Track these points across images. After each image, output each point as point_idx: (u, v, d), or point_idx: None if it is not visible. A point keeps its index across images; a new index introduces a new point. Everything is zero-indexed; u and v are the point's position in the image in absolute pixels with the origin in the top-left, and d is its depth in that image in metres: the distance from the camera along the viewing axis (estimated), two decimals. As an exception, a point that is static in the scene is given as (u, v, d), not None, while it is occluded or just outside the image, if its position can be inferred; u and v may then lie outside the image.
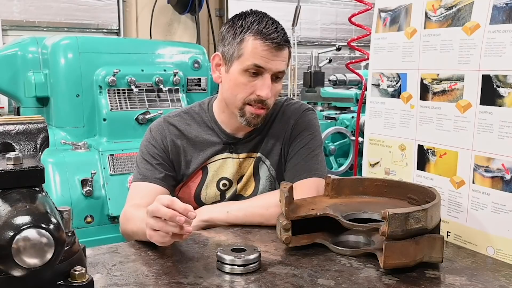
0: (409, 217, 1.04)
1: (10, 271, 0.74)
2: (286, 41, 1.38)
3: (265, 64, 1.35)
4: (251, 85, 1.37)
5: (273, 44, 1.34)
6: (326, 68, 4.60)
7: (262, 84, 1.36)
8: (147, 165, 1.46)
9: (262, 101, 1.38)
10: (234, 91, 1.40)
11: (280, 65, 1.37)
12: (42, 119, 0.98)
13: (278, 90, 1.42)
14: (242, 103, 1.39)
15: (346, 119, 3.81)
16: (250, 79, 1.37)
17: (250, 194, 1.51)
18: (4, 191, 0.81)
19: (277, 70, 1.37)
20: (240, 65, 1.37)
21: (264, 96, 1.36)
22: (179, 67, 2.88)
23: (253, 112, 1.39)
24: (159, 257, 1.16)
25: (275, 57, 1.35)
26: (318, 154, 1.49)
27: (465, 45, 1.27)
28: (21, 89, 2.73)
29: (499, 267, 1.15)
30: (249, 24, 1.37)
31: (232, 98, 1.41)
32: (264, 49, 1.34)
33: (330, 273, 1.07)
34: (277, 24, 1.39)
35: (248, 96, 1.38)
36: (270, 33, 1.34)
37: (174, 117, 1.53)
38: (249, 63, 1.35)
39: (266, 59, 1.35)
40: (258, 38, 1.34)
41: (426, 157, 1.40)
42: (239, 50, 1.37)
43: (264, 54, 1.34)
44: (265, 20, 1.38)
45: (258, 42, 1.34)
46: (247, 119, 1.41)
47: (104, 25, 4.86)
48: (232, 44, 1.38)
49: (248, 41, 1.35)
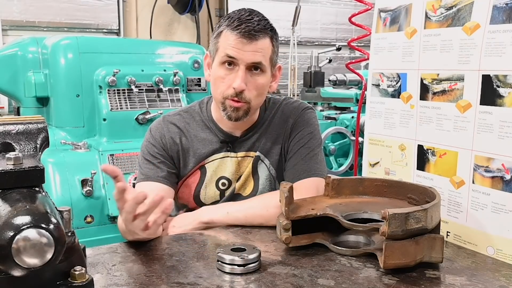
0: (409, 217, 1.03)
1: (10, 271, 0.74)
2: (261, 30, 1.36)
3: (236, 54, 1.35)
4: (228, 78, 1.38)
5: (241, 33, 1.34)
6: (326, 68, 4.60)
7: (235, 76, 1.37)
8: (149, 165, 1.46)
9: (238, 94, 1.37)
10: (215, 86, 1.41)
11: (254, 56, 1.36)
12: (42, 119, 0.98)
13: (259, 83, 1.40)
14: (222, 97, 1.40)
15: (346, 119, 3.81)
16: (227, 72, 1.37)
17: (249, 194, 1.51)
18: (4, 191, 0.81)
19: (250, 61, 1.36)
20: (218, 58, 1.39)
21: (236, 88, 1.36)
22: (179, 67, 2.88)
23: (232, 105, 1.39)
24: (159, 257, 1.16)
25: (246, 47, 1.35)
26: (317, 153, 1.49)
27: (465, 45, 1.27)
28: (21, 89, 2.73)
29: (499, 267, 1.15)
30: (227, 18, 1.39)
31: (214, 93, 1.43)
32: (234, 38, 1.34)
33: (330, 273, 1.07)
34: (254, 15, 1.38)
35: (226, 90, 1.38)
36: (242, 23, 1.34)
37: (174, 116, 1.54)
38: (222, 55, 1.37)
39: (237, 49, 1.35)
40: (229, 29, 1.36)
41: (426, 157, 1.40)
42: (216, 44, 1.39)
43: (235, 44, 1.34)
44: (243, 12, 1.39)
45: (229, 32, 1.36)
46: (227, 113, 1.41)
47: (104, 25, 4.86)
48: (212, 40, 1.42)
49: (222, 33, 1.38)
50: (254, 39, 1.35)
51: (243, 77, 1.36)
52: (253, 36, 1.35)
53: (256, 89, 1.40)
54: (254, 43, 1.35)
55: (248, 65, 1.36)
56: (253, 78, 1.38)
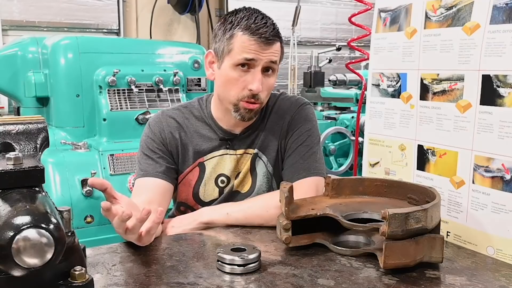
0: (409, 217, 1.03)
1: (10, 271, 0.74)
2: (276, 35, 1.38)
3: (254, 55, 1.35)
4: (242, 80, 1.38)
5: (261, 39, 1.35)
6: (326, 68, 4.60)
7: (253, 78, 1.37)
8: (148, 160, 1.46)
9: (254, 96, 1.38)
10: (227, 87, 1.41)
11: (271, 56, 1.38)
12: (42, 119, 0.98)
13: (270, 84, 1.42)
14: (236, 99, 1.40)
15: (346, 119, 3.81)
16: (241, 74, 1.37)
17: (247, 191, 1.51)
18: (4, 191, 0.81)
19: (268, 60, 1.37)
20: (230, 60, 1.38)
21: (255, 90, 1.37)
22: (179, 67, 2.88)
23: (246, 107, 1.40)
24: (159, 257, 1.16)
25: (264, 51, 1.36)
26: (316, 151, 1.49)
27: (465, 45, 1.27)
28: (21, 89, 2.73)
29: (499, 267, 1.15)
30: (239, 20, 1.38)
31: (226, 94, 1.42)
32: (252, 43, 1.35)
33: (330, 273, 1.07)
34: (267, 19, 1.39)
35: (241, 92, 1.39)
36: (259, 28, 1.35)
37: (173, 110, 1.54)
38: (239, 57, 1.36)
39: (256, 52, 1.35)
40: (247, 33, 1.35)
41: (426, 157, 1.40)
42: (229, 45, 1.38)
43: (253, 48, 1.35)
44: (255, 15, 1.38)
45: (246, 37, 1.35)
46: (241, 114, 1.42)
47: (104, 25, 4.86)
48: (222, 40, 1.40)
49: (237, 36, 1.36)
50: (271, 43, 1.37)
51: (261, 79, 1.37)
52: (271, 41, 1.37)
53: (268, 90, 1.43)
54: (270, 47, 1.37)
55: (263, 67, 1.38)
56: (265, 79, 1.39)
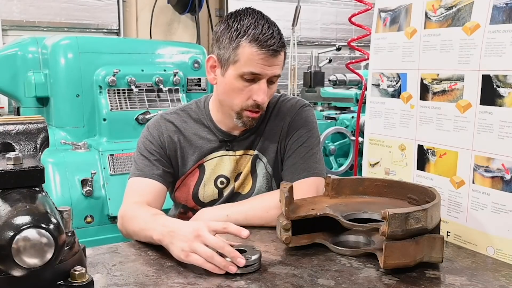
0: (409, 217, 1.03)
1: (10, 271, 0.74)
2: (282, 45, 1.38)
3: (261, 70, 1.35)
4: (247, 90, 1.38)
5: (269, 52, 1.34)
6: (326, 68, 4.61)
7: (258, 89, 1.37)
8: (145, 161, 1.46)
9: (258, 105, 1.39)
10: (230, 96, 1.40)
11: (276, 70, 1.38)
12: (42, 119, 0.98)
13: (273, 92, 1.44)
14: (239, 109, 1.40)
15: (346, 119, 3.81)
16: (246, 84, 1.37)
17: (247, 192, 1.51)
18: (4, 191, 0.81)
19: (273, 74, 1.38)
20: (236, 70, 1.36)
21: (260, 102, 1.37)
22: (179, 67, 2.88)
23: (249, 116, 1.41)
24: (159, 257, 1.16)
25: (271, 64, 1.36)
26: (316, 152, 1.49)
27: (465, 45, 1.27)
28: (21, 89, 2.73)
29: (499, 267, 1.15)
30: (245, 29, 1.35)
31: (229, 102, 1.42)
32: (260, 57, 1.34)
33: (330, 273, 1.07)
34: (273, 28, 1.37)
35: (245, 101, 1.39)
36: (267, 39, 1.33)
37: (171, 114, 1.53)
38: (245, 70, 1.35)
39: (262, 66, 1.35)
40: (254, 45, 1.33)
41: (426, 157, 1.40)
42: (235, 55, 1.36)
43: (261, 62, 1.34)
44: (261, 23, 1.36)
45: (254, 49, 1.33)
46: (244, 121, 1.43)
47: (104, 25, 4.86)
48: (227, 48, 1.37)
49: (245, 47, 1.34)
50: (277, 55, 1.37)
51: (266, 90, 1.38)
52: (277, 52, 1.36)
53: (270, 96, 1.44)
54: (276, 59, 1.37)
55: (269, 78, 1.38)
56: (269, 88, 1.40)
